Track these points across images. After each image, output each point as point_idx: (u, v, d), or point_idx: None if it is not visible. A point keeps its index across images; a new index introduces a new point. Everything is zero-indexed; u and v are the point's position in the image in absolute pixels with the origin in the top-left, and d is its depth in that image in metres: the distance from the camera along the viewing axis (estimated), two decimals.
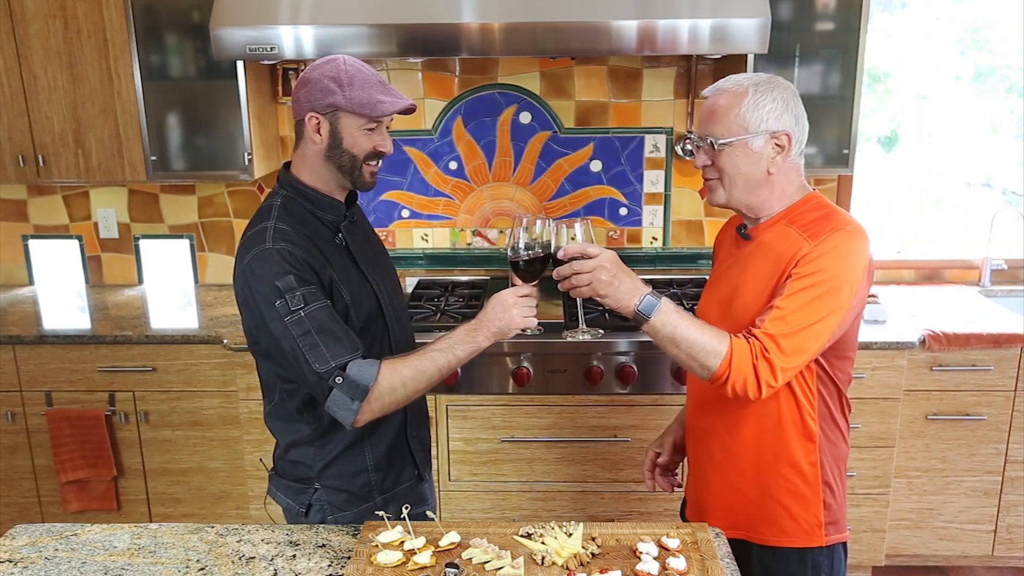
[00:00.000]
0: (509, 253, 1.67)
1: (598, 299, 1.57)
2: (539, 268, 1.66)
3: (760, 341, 1.53)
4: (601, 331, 1.76)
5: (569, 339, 1.75)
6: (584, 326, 1.72)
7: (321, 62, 1.64)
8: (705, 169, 1.66)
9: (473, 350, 1.64)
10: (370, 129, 1.64)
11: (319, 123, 1.63)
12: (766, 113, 1.58)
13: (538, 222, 1.65)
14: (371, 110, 1.61)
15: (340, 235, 1.72)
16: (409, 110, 1.65)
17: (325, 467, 1.79)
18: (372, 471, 1.81)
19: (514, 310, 1.63)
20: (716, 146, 1.60)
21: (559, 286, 1.59)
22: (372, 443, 1.80)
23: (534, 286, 1.68)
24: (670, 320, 1.55)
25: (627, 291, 1.56)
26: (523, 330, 1.66)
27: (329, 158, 1.66)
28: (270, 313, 1.59)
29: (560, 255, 1.58)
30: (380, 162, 1.70)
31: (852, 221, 1.61)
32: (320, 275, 1.63)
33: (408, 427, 1.85)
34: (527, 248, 1.65)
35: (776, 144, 1.60)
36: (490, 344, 1.65)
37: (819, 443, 1.67)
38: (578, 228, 1.59)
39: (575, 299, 1.67)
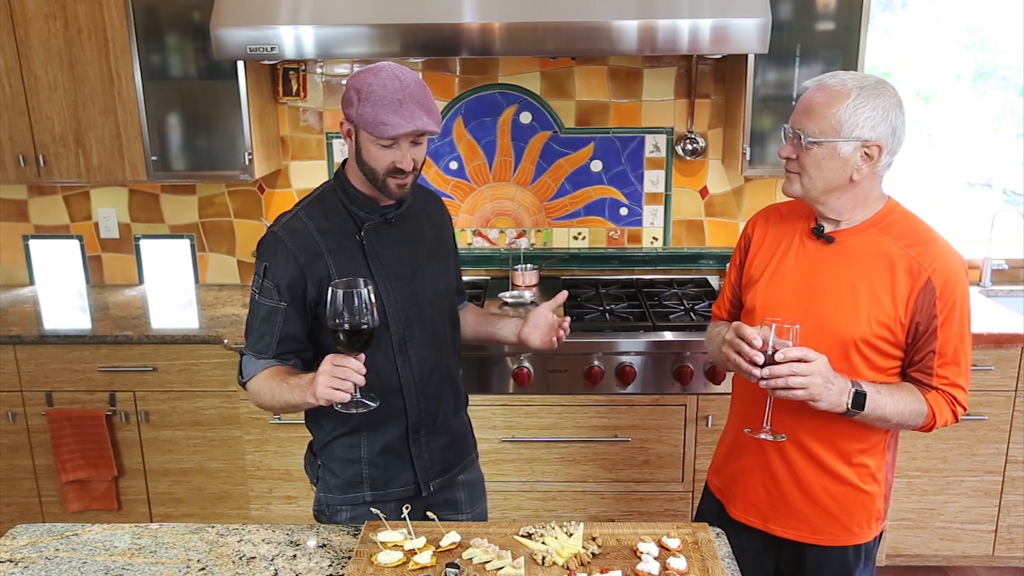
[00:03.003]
0: (328, 321, 1.51)
1: (810, 402, 1.56)
2: (364, 339, 1.51)
3: (949, 392, 1.65)
4: (784, 436, 1.69)
5: (750, 434, 1.70)
6: (769, 425, 1.66)
7: (364, 68, 1.64)
8: (788, 161, 1.64)
9: (305, 403, 1.60)
10: (385, 146, 1.62)
11: (349, 129, 1.67)
12: (863, 120, 1.55)
13: (363, 286, 1.50)
14: (373, 130, 1.59)
15: (361, 233, 1.73)
16: (417, 134, 1.61)
17: (325, 446, 1.84)
18: (365, 464, 1.82)
19: (320, 379, 1.52)
20: (804, 143, 1.58)
21: (766, 384, 1.55)
22: (369, 438, 1.81)
23: (356, 357, 1.53)
24: (878, 405, 1.60)
25: (838, 392, 1.56)
26: (336, 405, 1.55)
27: (358, 166, 1.69)
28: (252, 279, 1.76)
29: (779, 357, 1.53)
30: (411, 174, 1.66)
31: (931, 226, 1.69)
32: (303, 267, 1.68)
33: (412, 432, 1.82)
34: (347, 316, 1.49)
35: (866, 153, 1.58)
36: (320, 405, 1.57)
37: (886, 436, 1.74)
38: (794, 332, 1.55)
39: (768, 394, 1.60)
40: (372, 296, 1.51)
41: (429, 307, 1.81)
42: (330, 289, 1.50)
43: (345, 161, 1.77)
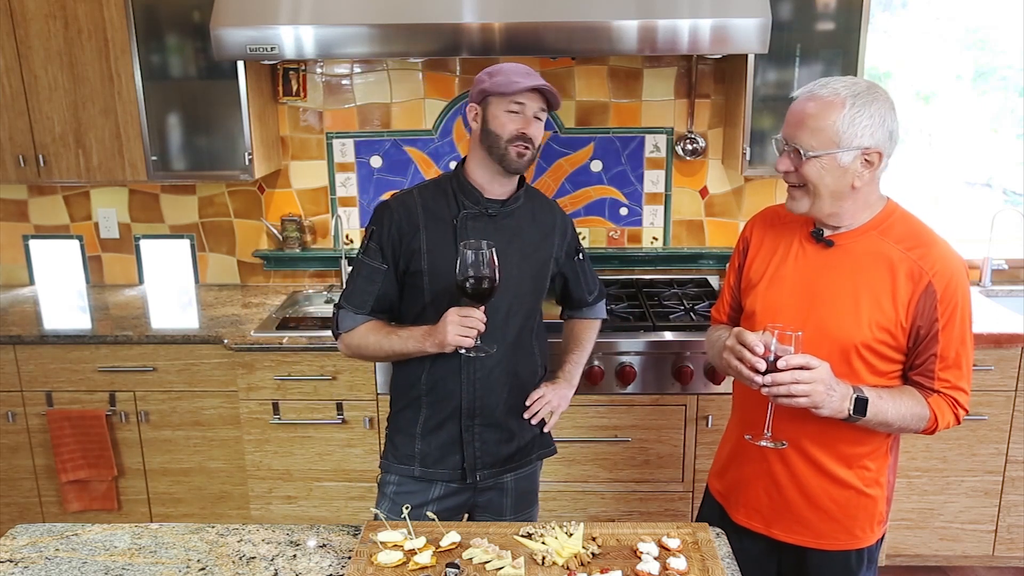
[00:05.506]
0: (457, 277, 1.69)
1: (812, 409, 1.55)
2: (486, 294, 1.70)
3: (951, 396, 1.64)
4: (784, 443, 1.68)
5: (751, 440, 1.70)
6: (769, 431, 1.66)
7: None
8: (786, 175, 1.63)
9: (419, 351, 1.82)
10: (513, 112, 1.79)
11: (476, 112, 1.84)
12: (861, 129, 1.54)
13: (487, 248, 1.66)
14: (506, 87, 1.78)
15: (456, 219, 1.86)
16: (541, 90, 1.79)
17: (393, 415, 1.99)
18: (419, 439, 1.94)
19: (450, 327, 1.73)
20: (804, 156, 1.57)
21: (768, 391, 1.55)
22: (427, 414, 1.93)
23: (480, 308, 1.73)
24: (880, 410, 1.60)
25: (840, 399, 1.56)
26: (460, 349, 1.76)
27: (482, 142, 1.83)
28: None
29: (781, 364, 1.53)
30: (531, 148, 1.82)
31: (931, 228, 1.68)
32: (403, 237, 1.86)
33: (466, 418, 1.90)
34: (473, 273, 1.67)
35: (866, 160, 1.57)
36: (436, 352, 1.80)
37: (888, 440, 1.73)
38: (796, 338, 1.54)
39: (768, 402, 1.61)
40: (495, 257, 1.67)
41: (506, 305, 1.87)
42: (460, 248, 1.67)
43: (464, 159, 1.92)
